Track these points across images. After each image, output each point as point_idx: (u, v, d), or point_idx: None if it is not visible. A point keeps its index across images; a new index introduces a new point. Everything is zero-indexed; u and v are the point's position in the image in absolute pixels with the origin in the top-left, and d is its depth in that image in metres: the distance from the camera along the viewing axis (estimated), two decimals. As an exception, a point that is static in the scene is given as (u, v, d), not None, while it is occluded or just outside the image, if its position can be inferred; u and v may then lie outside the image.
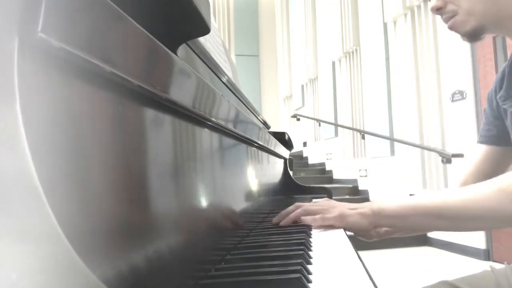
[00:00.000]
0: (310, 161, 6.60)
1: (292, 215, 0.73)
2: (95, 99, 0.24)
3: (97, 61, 0.22)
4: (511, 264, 0.72)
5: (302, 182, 1.42)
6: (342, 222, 0.68)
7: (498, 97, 0.77)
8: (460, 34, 0.68)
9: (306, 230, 0.67)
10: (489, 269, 0.73)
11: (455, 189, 0.62)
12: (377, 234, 0.79)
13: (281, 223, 0.73)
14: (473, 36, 0.68)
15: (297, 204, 0.75)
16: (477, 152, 0.87)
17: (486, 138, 0.85)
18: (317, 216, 0.70)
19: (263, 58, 8.59)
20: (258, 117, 1.38)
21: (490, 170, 0.83)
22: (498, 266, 0.73)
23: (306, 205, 0.73)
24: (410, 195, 3.65)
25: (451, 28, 0.68)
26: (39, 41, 0.18)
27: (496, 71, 2.94)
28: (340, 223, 0.68)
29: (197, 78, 0.40)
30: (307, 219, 0.70)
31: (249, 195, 0.75)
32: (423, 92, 3.67)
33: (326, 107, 6.03)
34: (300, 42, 7.03)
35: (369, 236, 0.77)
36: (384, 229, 0.80)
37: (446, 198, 0.61)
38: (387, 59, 4.30)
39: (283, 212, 0.75)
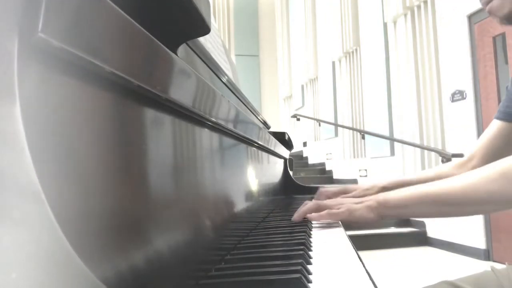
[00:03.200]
0: (310, 161, 6.60)
1: (304, 208, 0.76)
2: (95, 99, 0.24)
3: (97, 61, 0.22)
4: (512, 264, 0.71)
5: (302, 182, 1.42)
6: (350, 217, 0.70)
7: None
8: (498, 17, 0.70)
9: (306, 230, 0.67)
10: (489, 269, 0.73)
11: (459, 176, 0.63)
12: (376, 192, 0.84)
13: (294, 218, 0.76)
14: (510, 19, 0.69)
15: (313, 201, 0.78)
16: (491, 127, 0.88)
17: (504, 114, 0.86)
18: (323, 212, 0.72)
19: (263, 58, 8.59)
20: (258, 117, 1.38)
21: (502, 147, 0.84)
22: (498, 266, 0.73)
23: (318, 201, 0.77)
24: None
25: (489, 11, 0.70)
26: (39, 41, 0.18)
27: (496, 71, 2.94)
28: (348, 218, 0.70)
29: (197, 78, 0.40)
30: (312, 216, 0.73)
31: (249, 195, 0.75)
32: (423, 92, 3.67)
33: (326, 107, 6.04)
34: (300, 42, 7.03)
35: (370, 194, 0.81)
36: (381, 185, 0.87)
37: (451, 184, 0.62)
38: (387, 59, 4.30)
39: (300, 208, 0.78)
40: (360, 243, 3.17)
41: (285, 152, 1.34)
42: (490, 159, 0.77)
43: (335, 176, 5.58)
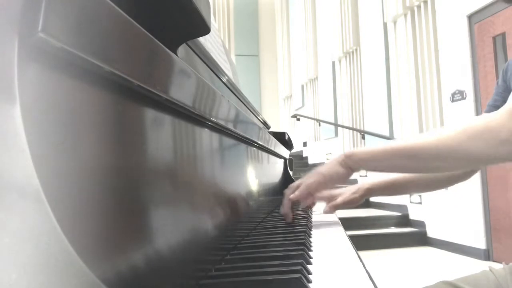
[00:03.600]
0: (310, 161, 6.60)
1: (284, 201, 0.77)
2: (95, 99, 0.24)
3: (97, 61, 0.22)
4: (510, 264, 0.72)
5: (302, 182, 1.41)
6: (322, 176, 0.73)
7: None
8: None
9: (306, 230, 0.67)
10: (487, 269, 0.73)
11: (427, 133, 0.64)
12: (361, 195, 0.86)
13: (282, 212, 0.78)
14: None
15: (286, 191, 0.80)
16: None
17: (492, 108, 0.90)
18: (301, 187, 0.74)
19: (263, 58, 8.58)
20: (258, 117, 1.38)
21: None
22: (497, 266, 0.73)
23: (290, 186, 0.79)
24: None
25: None
26: (39, 41, 0.18)
27: (496, 71, 2.94)
28: (321, 178, 0.73)
29: (197, 78, 0.40)
30: (294, 195, 0.75)
31: (249, 195, 0.75)
32: (423, 92, 3.67)
33: (326, 107, 6.04)
34: (300, 42, 7.03)
35: (355, 198, 0.85)
36: (365, 187, 0.87)
37: (417, 140, 0.63)
38: (387, 59, 4.30)
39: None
40: (360, 243, 3.16)
41: (285, 152, 1.34)
42: None
43: (335, 176, 5.57)
